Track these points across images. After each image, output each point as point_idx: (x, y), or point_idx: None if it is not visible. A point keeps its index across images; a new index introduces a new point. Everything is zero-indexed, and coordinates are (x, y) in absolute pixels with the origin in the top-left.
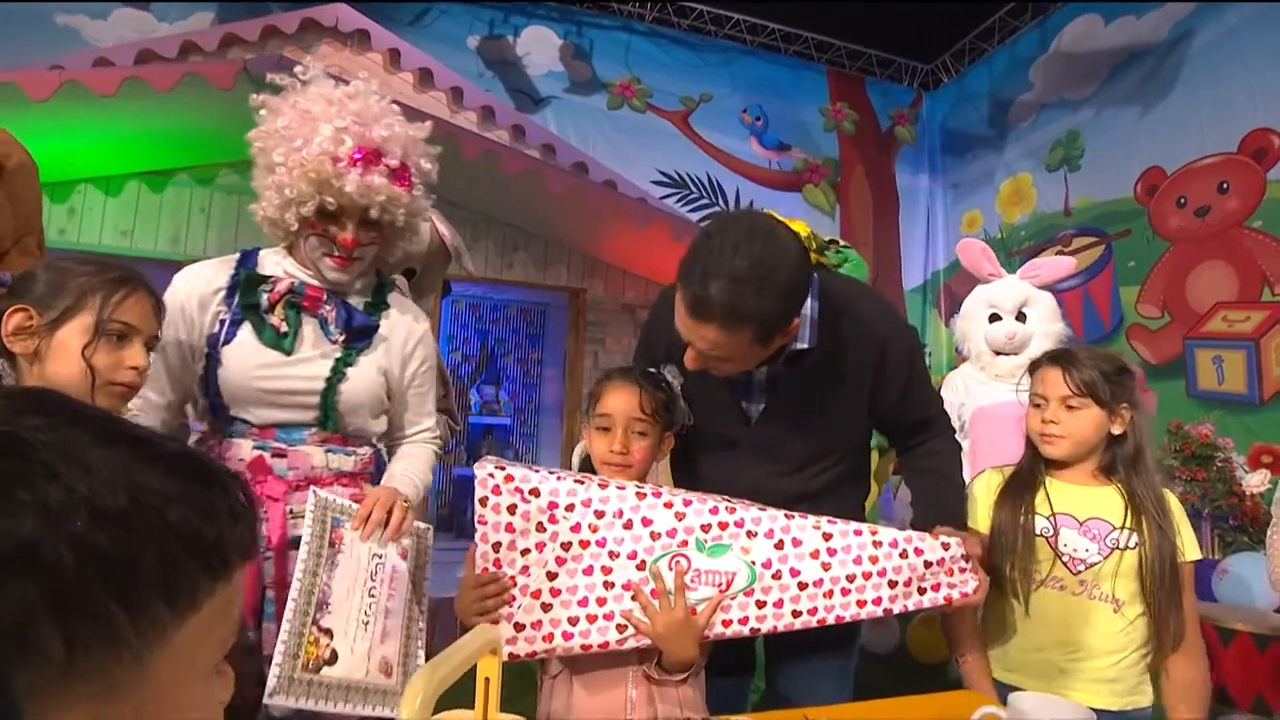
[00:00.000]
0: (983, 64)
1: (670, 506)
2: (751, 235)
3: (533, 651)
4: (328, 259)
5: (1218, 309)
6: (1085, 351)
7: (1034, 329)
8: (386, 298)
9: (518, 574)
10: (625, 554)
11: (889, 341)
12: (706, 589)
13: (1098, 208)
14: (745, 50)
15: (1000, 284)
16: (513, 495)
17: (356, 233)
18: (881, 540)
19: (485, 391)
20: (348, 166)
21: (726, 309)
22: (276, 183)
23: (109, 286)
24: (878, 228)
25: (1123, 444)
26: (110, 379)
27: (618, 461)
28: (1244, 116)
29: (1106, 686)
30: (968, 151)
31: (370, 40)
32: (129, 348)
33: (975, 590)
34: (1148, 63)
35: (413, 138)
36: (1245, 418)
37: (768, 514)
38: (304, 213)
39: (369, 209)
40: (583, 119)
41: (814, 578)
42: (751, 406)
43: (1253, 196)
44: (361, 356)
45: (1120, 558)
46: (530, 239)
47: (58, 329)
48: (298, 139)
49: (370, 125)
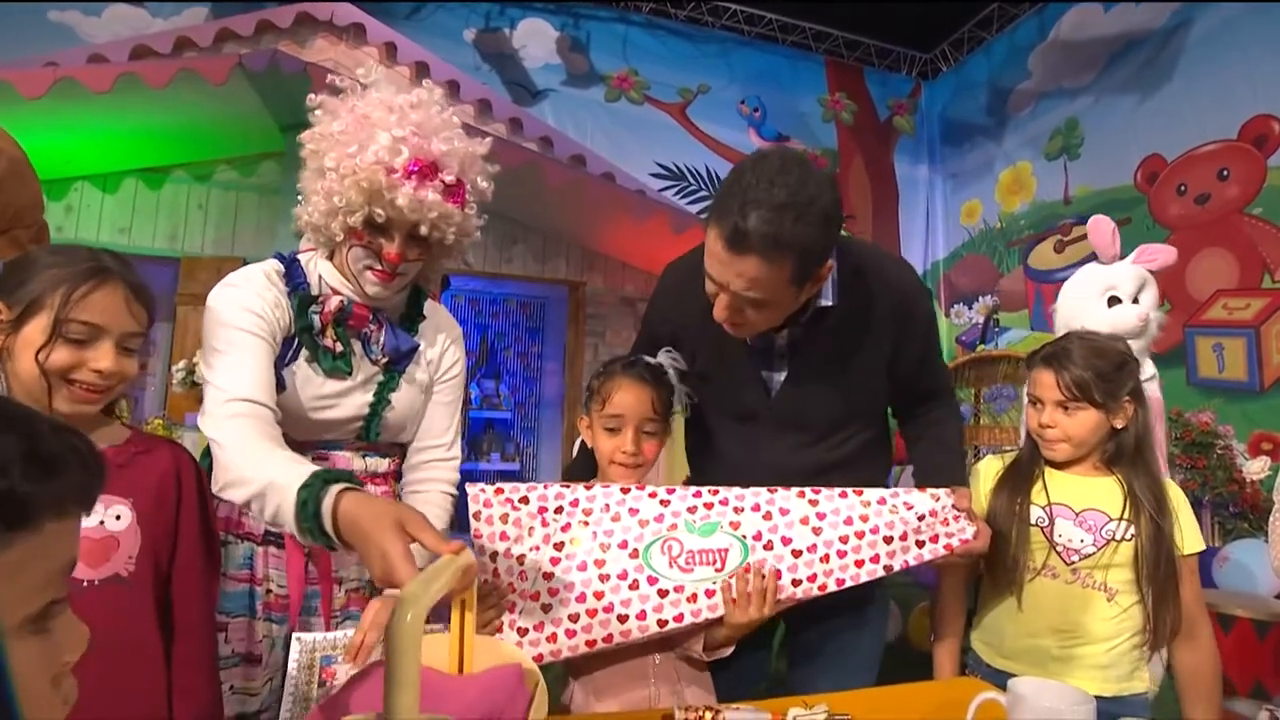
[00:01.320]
0: (981, 53)
1: (654, 496)
2: (785, 167)
3: (539, 655)
4: (369, 273)
5: (1218, 296)
6: (1081, 347)
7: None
8: (423, 308)
9: (515, 580)
10: (616, 544)
11: (912, 300)
12: (704, 569)
13: (1097, 196)
14: (743, 41)
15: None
16: (503, 505)
17: (403, 248)
18: (869, 499)
19: (485, 385)
20: (401, 179)
21: (768, 238)
22: (326, 189)
23: (73, 281)
24: (877, 218)
25: (1125, 436)
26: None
27: (630, 463)
28: (1244, 103)
29: (1100, 672)
30: (967, 141)
31: (366, 34)
32: (94, 348)
33: (976, 536)
34: (1147, 50)
35: (472, 154)
36: (1245, 405)
37: (750, 490)
38: (351, 223)
39: (419, 224)
40: (580, 111)
41: (807, 544)
42: (773, 375)
43: (1253, 183)
44: (403, 377)
45: (1115, 549)
46: (529, 232)
47: (22, 326)
48: (353, 145)
49: (430, 138)
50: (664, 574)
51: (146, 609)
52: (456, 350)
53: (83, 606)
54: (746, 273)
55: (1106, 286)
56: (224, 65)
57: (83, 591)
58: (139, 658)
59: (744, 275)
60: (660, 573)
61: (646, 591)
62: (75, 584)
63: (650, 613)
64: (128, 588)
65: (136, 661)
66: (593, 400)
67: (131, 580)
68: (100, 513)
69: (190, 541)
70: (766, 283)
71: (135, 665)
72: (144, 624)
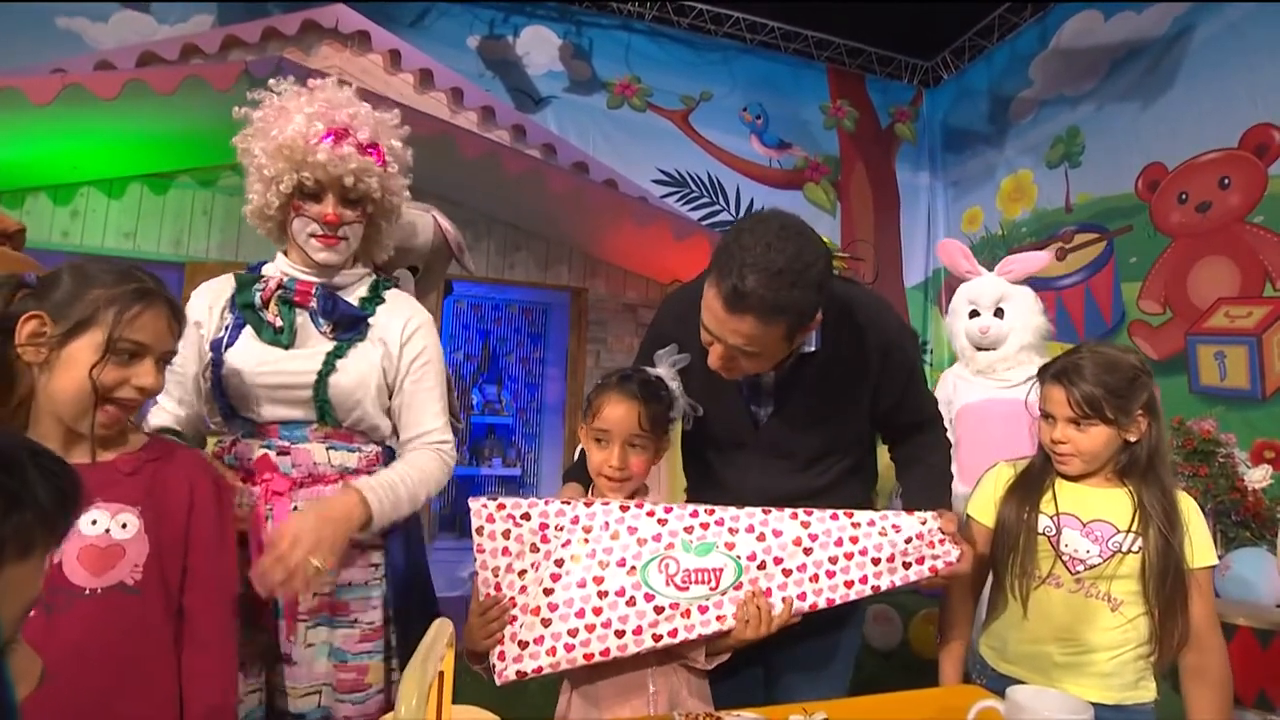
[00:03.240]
0: (983, 61)
1: (652, 515)
2: (784, 233)
3: (539, 667)
4: (314, 240)
5: (1220, 305)
6: (1094, 362)
7: (1013, 323)
8: (383, 293)
9: (517, 594)
10: (614, 561)
11: (891, 348)
12: (699, 587)
13: (1099, 204)
14: (745, 48)
15: (978, 281)
16: (505, 521)
17: (337, 207)
18: (859, 521)
19: (487, 391)
20: (318, 143)
21: (765, 301)
22: (258, 170)
23: (124, 301)
24: (879, 225)
25: (1138, 449)
26: (112, 396)
27: (615, 476)
28: (1245, 112)
29: (1103, 681)
30: (968, 148)
31: (370, 41)
32: (138, 365)
33: (960, 559)
34: (1148, 58)
35: (380, 119)
36: (1248, 413)
37: (745, 511)
38: (283, 189)
39: (343, 179)
40: (583, 118)
41: (798, 564)
42: (760, 410)
43: (1254, 192)
44: (353, 348)
45: (1121, 560)
46: (531, 238)
47: (69, 342)
48: (273, 129)
49: (339, 109)
50: (660, 591)
51: (157, 619)
52: (425, 335)
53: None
54: (742, 330)
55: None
56: (230, 72)
57: (84, 599)
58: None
59: (740, 333)
60: (657, 590)
61: (643, 608)
62: (76, 591)
63: (646, 628)
64: (136, 597)
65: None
66: (587, 411)
67: (139, 589)
68: (106, 521)
69: (203, 550)
70: (761, 339)
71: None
72: (154, 634)
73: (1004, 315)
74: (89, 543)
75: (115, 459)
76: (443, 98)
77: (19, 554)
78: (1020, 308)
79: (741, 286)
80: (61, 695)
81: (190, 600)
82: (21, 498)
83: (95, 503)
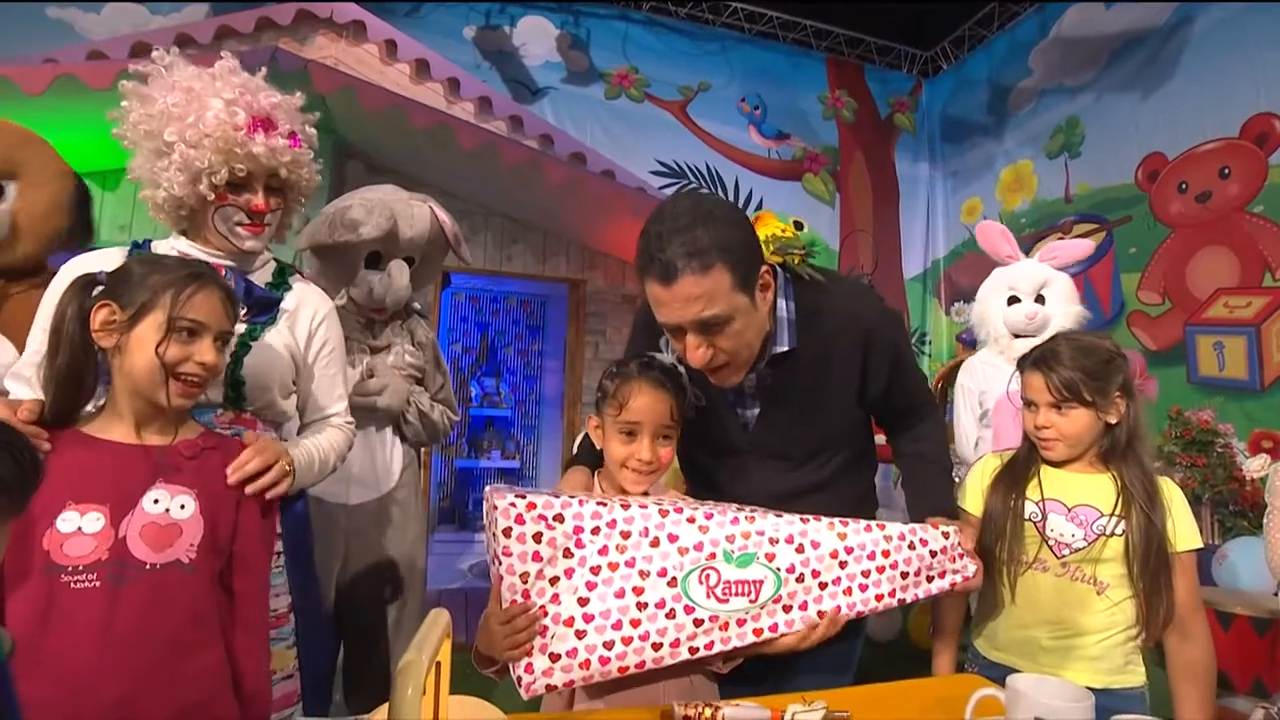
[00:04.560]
0: (982, 50)
1: (693, 521)
2: (676, 201)
3: (570, 681)
4: (239, 228)
5: (1219, 295)
6: (1070, 348)
7: (1053, 310)
8: (288, 278)
9: (548, 603)
10: (655, 572)
11: (872, 333)
12: (738, 600)
13: (1098, 194)
14: (743, 39)
15: (1018, 266)
16: (537, 523)
17: (266, 197)
18: (891, 535)
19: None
20: (249, 134)
21: (691, 254)
22: (182, 159)
23: (180, 284)
24: (878, 216)
25: (1118, 431)
26: (178, 372)
27: (645, 470)
28: (1245, 101)
29: (1091, 664)
30: (967, 139)
31: (366, 31)
32: (198, 343)
33: (975, 575)
34: (1148, 47)
35: (294, 105)
36: (1246, 403)
37: (784, 519)
38: (216, 181)
39: (278, 171)
40: (580, 109)
41: (833, 576)
42: (746, 413)
43: (1254, 182)
44: (266, 331)
45: (1105, 544)
46: (529, 230)
47: (135, 325)
48: (189, 115)
49: (256, 95)
50: (701, 604)
51: (206, 596)
52: (331, 323)
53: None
54: (691, 294)
55: (1007, 286)
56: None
57: (146, 573)
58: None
59: (688, 297)
60: (697, 602)
61: (683, 620)
62: (139, 565)
63: (684, 640)
64: (190, 574)
65: (196, 645)
66: (607, 403)
67: (193, 567)
68: (167, 501)
69: (250, 535)
70: (712, 296)
71: (195, 648)
72: (203, 607)
73: (1045, 302)
74: (151, 520)
75: (177, 444)
76: (439, 88)
77: None
78: (1061, 294)
79: (664, 257)
80: (126, 661)
81: (239, 584)
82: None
83: (157, 483)
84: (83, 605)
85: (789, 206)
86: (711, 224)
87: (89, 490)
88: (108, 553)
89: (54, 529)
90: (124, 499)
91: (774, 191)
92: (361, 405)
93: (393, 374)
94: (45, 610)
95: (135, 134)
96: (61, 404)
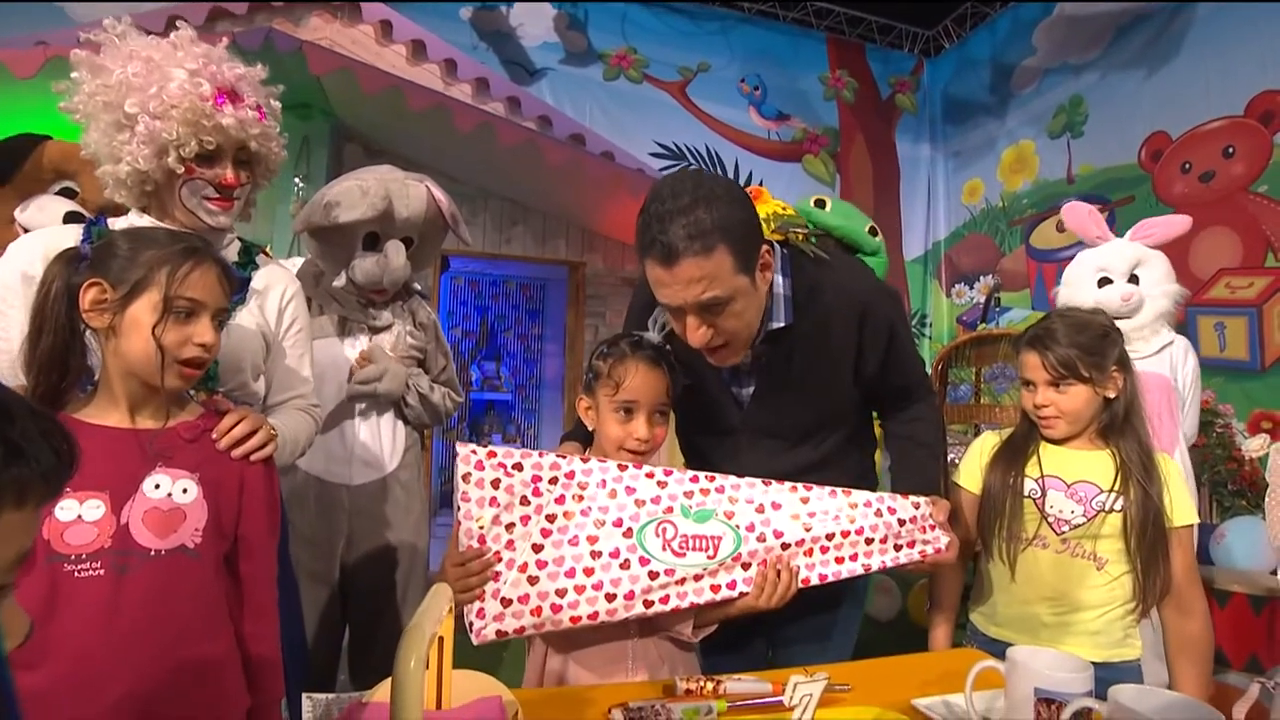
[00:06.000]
0: (985, 29)
1: (652, 477)
2: (677, 180)
3: (521, 627)
4: (208, 203)
5: (1221, 275)
6: (1064, 325)
7: (1150, 290)
8: (254, 258)
9: (503, 549)
10: (611, 522)
11: (868, 311)
12: (696, 555)
13: (1101, 174)
14: (743, 18)
15: (1109, 247)
16: (495, 470)
17: (235, 170)
18: (857, 501)
19: (486, 367)
20: (217, 106)
21: (693, 236)
22: (148, 131)
23: (175, 260)
24: (878, 197)
25: (1116, 406)
26: (177, 356)
27: (642, 449)
28: (1251, 79)
29: (1091, 639)
30: (969, 119)
31: (361, 12)
32: (196, 323)
33: (947, 547)
34: (1153, 25)
35: (258, 77)
36: (1246, 384)
37: (745, 480)
38: (185, 154)
39: (246, 144)
40: (579, 90)
41: (795, 538)
42: (742, 391)
43: (1259, 161)
44: (236, 311)
45: (1104, 519)
46: (528, 213)
47: (129, 305)
48: (151, 87)
49: (219, 65)
50: (657, 556)
51: (212, 579)
52: (298, 304)
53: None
54: (692, 276)
55: (1097, 268)
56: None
57: (150, 560)
58: (207, 626)
59: (690, 279)
60: (653, 554)
61: (637, 572)
62: (143, 553)
63: (639, 594)
64: (195, 559)
65: (204, 630)
66: (600, 383)
67: (199, 551)
68: (168, 486)
69: (255, 518)
70: (714, 278)
71: (203, 634)
72: (211, 593)
73: (1139, 281)
74: (153, 505)
75: (176, 426)
76: (436, 70)
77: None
78: (1158, 273)
79: (665, 239)
80: (133, 649)
81: (245, 567)
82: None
83: (158, 468)
84: (87, 594)
85: (789, 188)
86: (713, 204)
87: (86, 477)
88: (110, 540)
89: (53, 517)
90: (123, 485)
91: (774, 172)
92: (361, 392)
93: (390, 358)
94: (49, 600)
95: (91, 106)
96: (45, 389)
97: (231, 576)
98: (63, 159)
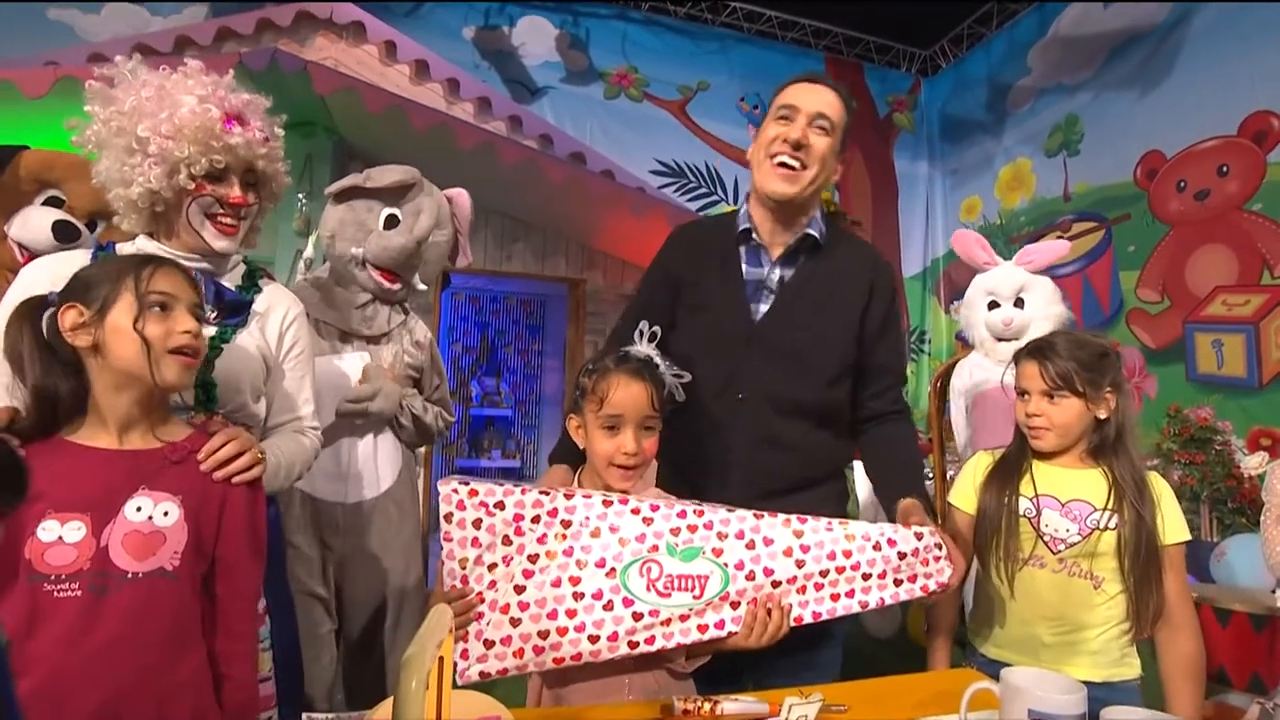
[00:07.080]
0: (981, 49)
1: (637, 513)
2: None
3: (504, 669)
4: (212, 225)
5: (1217, 293)
6: (1065, 340)
7: (1032, 314)
8: (258, 281)
9: (485, 589)
10: (594, 562)
11: (879, 267)
12: (681, 595)
13: (1097, 192)
14: (742, 38)
15: (997, 271)
16: (477, 510)
17: (243, 190)
18: (854, 534)
19: (486, 383)
20: (226, 128)
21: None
22: (160, 150)
23: (137, 266)
24: (877, 215)
25: (1107, 427)
26: (166, 348)
27: (631, 464)
28: (1244, 99)
29: (1090, 659)
30: (966, 137)
31: (365, 32)
32: (174, 315)
33: (951, 578)
34: (1147, 45)
35: (263, 105)
36: (1244, 401)
37: (736, 514)
38: (195, 172)
39: (254, 164)
40: (579, 109)
41: (787, 575)
42: (758, 307)
43: (1253, 179)
44: (236, 334)
45: (1099, 538)
46: (529, 230)
47: (106, 315)
48: (162, 111)
49: (225, 93)
50: (640, 597)
51: (190, 602)
52: (301, 325)
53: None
54: (827, 99)
55: (986, 291)
56: (224, 64)
57: (128, 583)
58: (183, 649)
59: (822, 100)
60: (637, 595)
61: (621, 613)
62: (121, 575)
63: (623, 635)
64: (174, 582)
65: (181, 653)
66: (586, 399)
67: (177, 574)
68: (150, 508)
69: (235, 542)
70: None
71: (179, 657)
72: (189, 617)
73: (1024, 305)
74: (134, 529)
75: (162, 448)
76: (439, 89)
77: None
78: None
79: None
80: (109, 669)
81: (222, 589)
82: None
83: (140, 490)
84: (65, 614)
85: None
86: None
87: (69, 499)
88: (89, 562)
89: (35, 538)
90: (105, 507)
91: None
92: (354, 411)
93: (385, 378)
94: (29, 618)
95: (104, 133)
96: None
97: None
98: (42, 168)
